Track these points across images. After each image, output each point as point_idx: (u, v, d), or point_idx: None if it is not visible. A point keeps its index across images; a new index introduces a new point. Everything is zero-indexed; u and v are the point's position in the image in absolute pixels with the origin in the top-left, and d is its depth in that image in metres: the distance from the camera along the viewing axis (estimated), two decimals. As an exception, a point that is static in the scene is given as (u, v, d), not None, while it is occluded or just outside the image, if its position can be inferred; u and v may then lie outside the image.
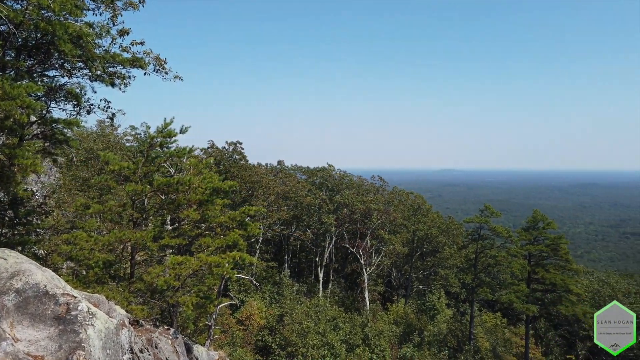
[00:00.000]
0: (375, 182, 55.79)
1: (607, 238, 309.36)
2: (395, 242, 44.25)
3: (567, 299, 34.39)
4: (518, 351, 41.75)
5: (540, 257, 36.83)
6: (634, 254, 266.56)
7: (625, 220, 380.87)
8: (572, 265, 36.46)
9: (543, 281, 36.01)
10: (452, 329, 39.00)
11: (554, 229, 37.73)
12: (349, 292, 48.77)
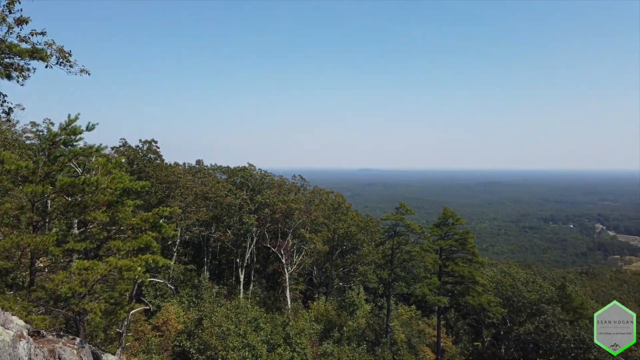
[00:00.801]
0: (296, 182, 56.11)
1: (508, 232, 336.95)
2: (316, 240, 44.81)
3: (474, 290, 36.94)
4: (431, 341, 44.15)
5: (450, 251, 39.21)
6: (532, 246, 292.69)
7: (525, 216, 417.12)
8: (478, 258, 39.21)
9: (453, 274, 38.38)
10: (370, 324, 40.28)
11: (462, 225, 40.30)
12: (271, 292, 48.62)
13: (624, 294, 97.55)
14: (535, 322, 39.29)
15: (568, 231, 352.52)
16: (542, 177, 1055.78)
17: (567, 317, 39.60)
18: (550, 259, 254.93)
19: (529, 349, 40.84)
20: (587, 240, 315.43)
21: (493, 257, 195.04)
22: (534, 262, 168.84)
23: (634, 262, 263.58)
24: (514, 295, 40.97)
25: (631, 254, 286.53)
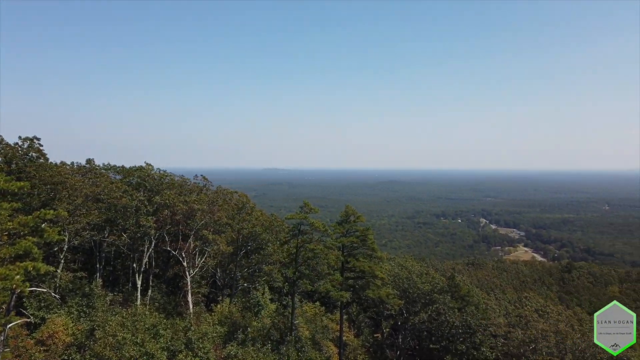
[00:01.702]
0: (198, 182, 54.36)
1: (405, 228, 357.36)
2: (220, 241, 43.80)
3: (374, 284, 38.63)
4: (334, 336, 45.33)
5: (352, 247, 40.56)
6: (426, 240, 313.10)
7: (419, 212, 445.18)
8: (377, 254, 41.03)
9: (354, 269, 39.76)
10: (275, 323, 40.32)
11: (363, 222, 41.86)
12: (171, 296, 46.60)
13: (504, 282, 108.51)
14: (429, 311, 42.19)
15: (457, 226, 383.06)
16: (434, 176, 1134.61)
17: (456, 305, 43.02)
18: (442, 251, 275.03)
19: (423, 337, 43.75)
20: (473, 233, 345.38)
21: (391, 251, 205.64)
22: (427, 255, 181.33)
23: (512, 252, 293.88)
24: (409, 287, 43.54)
25: (510, 245, 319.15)
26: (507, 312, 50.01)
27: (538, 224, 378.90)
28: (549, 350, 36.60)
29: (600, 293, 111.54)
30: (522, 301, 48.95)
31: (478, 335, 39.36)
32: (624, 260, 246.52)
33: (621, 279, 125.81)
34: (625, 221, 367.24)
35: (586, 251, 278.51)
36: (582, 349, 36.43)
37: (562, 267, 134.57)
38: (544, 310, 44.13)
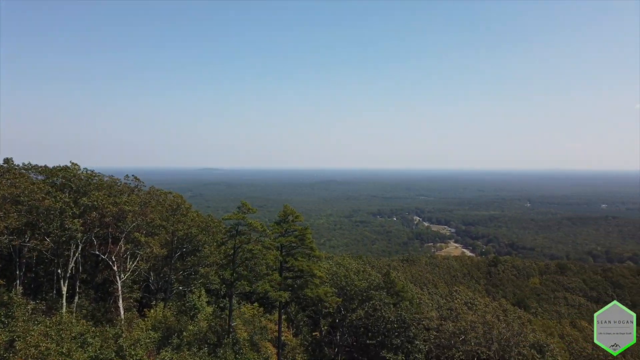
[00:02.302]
0: (129, 182, 52.07)
1: (343, 227, 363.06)
2: (153, 244, 42.22)
3: (312, 283, 38.91)
4: (273, 336, 45.17)
5: (291, 247, 40.60)
6: (363, 238, 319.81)
7: (356, 211, 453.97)
8: (316, 253, 41.36)
9: (293, 269, 39.83)
10: (212, 325, 39.53)
11: (301, 222, 42.02)
12: (101, 303, 44.28)
13: (436, 276, 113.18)
14: (365, 308, 43.15)
15: (392, 224, 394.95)
16: (370, 176, 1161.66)
17: (391, 300, 44.32)
18: (378, 249, 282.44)
19: (360, 333, 44.67)
20: (408, 231, 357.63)
21: (330, 250, 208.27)
22: (364, 253, 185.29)
23: (443, 248, 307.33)
24: (347, 285, 44.29)
25: (442, 241, 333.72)
26: (439, 305, 52.22)
27: (467, 221, 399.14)
28: (477, 340, 38.65)
29: (522, 285, 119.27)
30: (453, 295, 51.32)
31: (412, 329, 40.81)
32: (543, 254, 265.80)
33: (541, 271, 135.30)
34: (545, 217, 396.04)
35: (510, 246, 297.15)
36: (506, 338, 38.79)
37: (488, 262, 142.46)
38: (472, 302, 46.58)
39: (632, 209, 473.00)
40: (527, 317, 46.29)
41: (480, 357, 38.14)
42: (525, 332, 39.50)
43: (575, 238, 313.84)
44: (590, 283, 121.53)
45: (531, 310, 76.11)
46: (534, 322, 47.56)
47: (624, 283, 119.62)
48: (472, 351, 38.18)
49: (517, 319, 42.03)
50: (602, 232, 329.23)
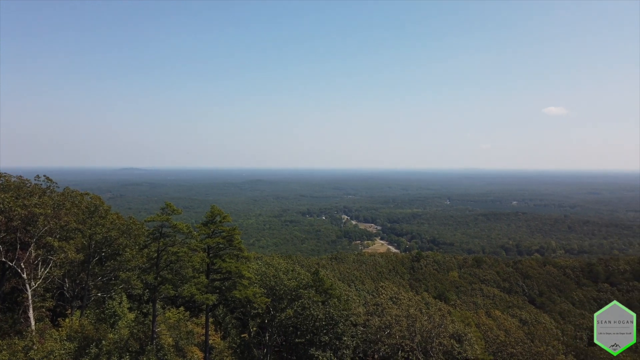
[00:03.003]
0: (40, 183, 48.26)
1: (272, 226, 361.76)
2: (68, 249, 39.43)
3: (241, 284, 38.42)
4: (200, 340, 44.00)
5: (218, 248, 39.79)
6: (292, 238, 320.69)
7: (286, 211, 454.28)
8: (244, 253, 40.86)
9: (220, 270, 39.07)
10: (134, 333, 37.71)
11: (229, 222, 41.31)
12: (8, 314, 40.64)
13: (363, 273, 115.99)
14: (295, 307, 43.31)
15: (321, 222, 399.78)
16: (299, 176, 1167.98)
17: (320, 298, 44.84)
18: (308, 248, 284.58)
19: (289, 332, 44.78)
20: (336, 229, 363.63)
21: (259, 250, 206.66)
22: (294, 252, 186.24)
23: (370, 245, 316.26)
24: (276, 285, 44.20)
25: (369, 238, 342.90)
26: (366, 301, 53.74)
27: (392, 219, 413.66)
28: (401, 333, 40.20)
29: (443, 278, 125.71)
30: (379, 290, 53.02)
31: (340, 325, 41.58)
32: (462, 248, 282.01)
33: (460, 265, 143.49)
34: (463, 214, 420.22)
35: (432, 241, 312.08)
36: (428, 330, 40.72)
37: (412, 257, 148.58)
38: (397, 297, 48.39)
39: (539, 205, 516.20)
40: (447, 309, 48.85)
41: (404, 349, 39.72)
42: (445, 324, 41.66)
43: (489, 233, 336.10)
44: (503, 275, 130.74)
45: (451, 302, 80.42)
46: (453, 314, 50.27)
47: (532, 274, 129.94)
48: (396, 344, 39.66)
49: (438, 311, 44.24)
50: (513, 227, 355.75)
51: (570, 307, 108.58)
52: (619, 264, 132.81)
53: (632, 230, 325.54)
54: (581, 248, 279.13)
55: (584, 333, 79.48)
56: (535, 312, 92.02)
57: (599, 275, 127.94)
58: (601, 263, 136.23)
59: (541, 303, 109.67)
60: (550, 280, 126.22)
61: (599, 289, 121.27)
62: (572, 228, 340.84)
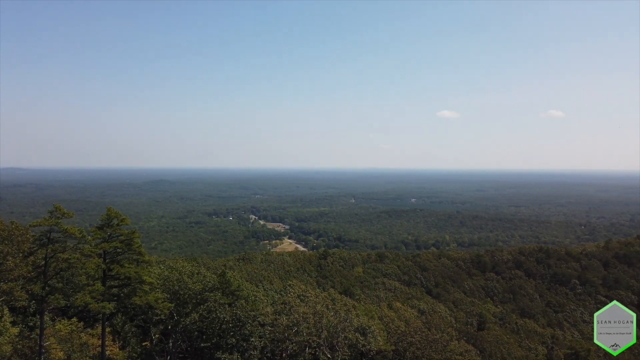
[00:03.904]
0: None
1: (177, 229, 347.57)
2: None
3: (142, 290, 36.48)
4: (96, 352, 41.03)
5: (115, 253, 37.43)
6: (198, 240, 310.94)
7: (191, 212, 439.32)
8: (145, 257, 38.87)
9: (118, 277, 36.78)
10: (18, 349, 34.26)
11: (128, 225, 39.02)
12: None
13: (271, 273, 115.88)
14: (200, 311, 42.11)
15: (229, 223, 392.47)
16: (205, 175, 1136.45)
17: (227, 300, 44.05)
18: (215, 249, 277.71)
19: (195, 337, 43.44)
20: (244, 229, 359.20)
21: (162, 254, 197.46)
22: (200, 255, 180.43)
23: (278, 245, 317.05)
24: (180, 289, 42.61)
25: (277, 238, 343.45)
26: (274, 300, 53.79)
27: (300, 218, 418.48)
28: (309, 330, 40.82)
29: (348, 274, 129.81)
30: (287, 289, 53.35)
31: (247, 326, 41.19)
32: (366, 245, 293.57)
33: (364, 260, 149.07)
34: (367, 212, 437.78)
35: (338, 239, 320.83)
36: (334, 325, 41.82)
37: (319, 255, 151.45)
38: (304, 295, 49.03)
39: (434, 202, 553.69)
40: (352, 304, 50.50)
41: (312, 345, 40.42)
42: (350, 318, 43.08)
43: (391, 229, 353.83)
44: (403, 268, 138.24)
45: (356, 297, 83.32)
46: (358, 308, 52.13)
47: (429, 266, 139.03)
48: (304, 341, 40.21)
49: (344, 306, 45.59)
50: (412, 223, 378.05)
51: (462, 296, 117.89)
52: (502, 255, 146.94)
53: (513, 223, 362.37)
54: (471, 241, 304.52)
55: (474, 319, 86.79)
56: (432, 302, 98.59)
57: (486, 265, 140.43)
58: (488, 254, 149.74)
59: (437, 293, 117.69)
60: (444, 272, 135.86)
61: (487, 278, 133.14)
62: (464, 223, 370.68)
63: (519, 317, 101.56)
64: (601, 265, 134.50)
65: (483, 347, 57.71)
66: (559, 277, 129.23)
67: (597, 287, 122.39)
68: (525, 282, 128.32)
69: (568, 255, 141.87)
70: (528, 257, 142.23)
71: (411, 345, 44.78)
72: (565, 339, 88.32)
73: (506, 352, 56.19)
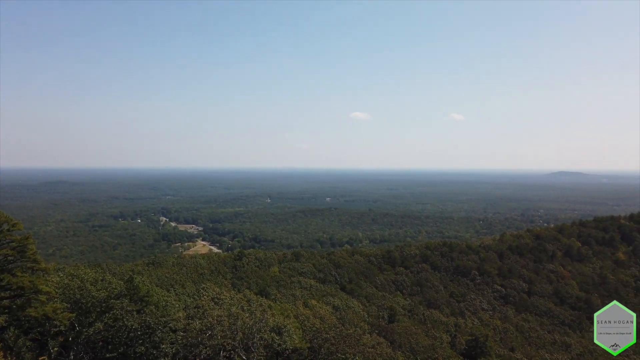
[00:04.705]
0: None
1: (77, 233, 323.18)
2: None
3: (37, 300, 33.56)
4: (-18, 372, 37.03)
5: (6, 261, 34.05)
6: (102, 244, 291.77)
7: (94, 215, 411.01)
8: (41, 265, 35.78)
9: (10, 287, 33.48)
10: None
11: (21, 230, 35.71)
12: None
13: (183, 276, 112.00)
14: (105, 319, 39.61)
15: (137, 226, 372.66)
16: (110, 176, 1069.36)
17: (135, 307, 41.87)
18: (121, 254, 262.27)
19: (99, 348, 40.76)
20: (154, 232, 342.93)
21: (61, 260, 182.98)
22: (104, 260, 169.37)
23: (191, 247, 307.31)
24: (82, 297, 39.77)
25: (190, 240, 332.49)
26: (187, 305, 52.12)
27: (214, 219, 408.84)
28: (223, 333, 40.08)
29: (264, 274, 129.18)
30: (200, 292, 51.97)
31: (158, 333, 39.44)
32: (282, 244, 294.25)
33: (280, 260, 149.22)
34: (283, 211, 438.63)
35: (254, 239, 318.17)
36: (250, 326, 41.47)
37: (234, 256, 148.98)
38: (219, 297, 48.11)
39: (348, 201, 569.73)
40: (268, 304, 50.48)
41: (226, 348, 39.77)
42: (266, 318, 42.99)
43: (307, 228, 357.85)
44: (319, 266, 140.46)
45: (272, 297, 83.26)
46: (274, 308, 52.18)
47: (343, 263, 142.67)
48: (218, 345, 39.43)
49: (259, 306, 45.44)
50: (327, 221, 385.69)
51: (374, 291, 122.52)
52: (411, 250, 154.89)
53: (421, 220, 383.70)
54: (382, 237, 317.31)
55: (385, 312, 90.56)
56: (345, 298, 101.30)
57: (396, 260, 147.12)
58: (397, 250, 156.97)
59: (351, 289, 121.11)
60: (358, 268, 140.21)
61: (396, 272, 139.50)
62: (375, 220, 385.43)
63: (426, 308, 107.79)
64: (497, 257, 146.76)
65: (393, 339, 60.40)
66: (461, 269, 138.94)
67: (493, 277, 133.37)
68: (431, 274, 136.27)
69: (468, 248, 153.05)
70: (433, 252, 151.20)
71: (326, 342, 45.70)
72: (466, 326, 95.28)
73: (414, 342, 59.35)
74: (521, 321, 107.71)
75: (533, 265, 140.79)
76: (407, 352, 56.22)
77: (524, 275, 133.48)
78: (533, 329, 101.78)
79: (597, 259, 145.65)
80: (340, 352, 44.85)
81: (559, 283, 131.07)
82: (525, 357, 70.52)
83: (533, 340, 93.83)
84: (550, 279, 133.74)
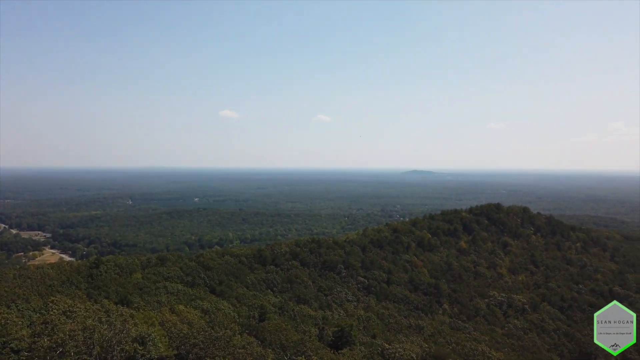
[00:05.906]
0: None
1: None
2: None
3: None
4: None
5: None
6: None
7: None
8: None
9: None
10: None
11: None
12: None
13: (27, 290, 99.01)
14: None
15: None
16: None
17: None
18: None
19: None
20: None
21: None
22: None
23: (37, 256, 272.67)
24: None
25: (35, 249, 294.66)
26: (32, 321, 46.22)
27: (65, 224, 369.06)
28: (77, 349, 36.35)
29: (125, 282, 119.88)
30: (49, 306, 46.40)
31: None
32: (145, 248, 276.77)
33: (143, 265, 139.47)
34: (146, 213, 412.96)
35: (113, 244, 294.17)
36: (109, 339, 38.24)
37: (90, 264, 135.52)
38: (71, 310, 43.46)
39: (218, 201, 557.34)
40: (130, 313, 47.12)
41: (82, 365, 36.22)
42: (127, 328, 40.04)
43: (173, 230, 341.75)
44: (187, 270, 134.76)
45: (134, 305, 77.71)
46: (136, 317, 48.81)
47: (213, 265, 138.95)
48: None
49: (120, 316, 42.23)
50: (196, 222, 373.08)
51: (245, 291, 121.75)
52: (281, 248, 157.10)
53: (291, 218, 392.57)
54: (253, 237, 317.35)
55: (256, 311, 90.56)
56: (215, 301, 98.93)
57: (267, 259, 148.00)
58: (268, 248, 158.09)
59: (221, 291, 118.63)
60: (228, 269, 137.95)
61: (267, 271, 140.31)
62: (246, 220, 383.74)
63: (296, 304, 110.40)
64: (360, 250, 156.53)
65: (264, 337, 60.64)
66: (329, 263, 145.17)
67: (357, 270, 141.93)
68: (300, 271, 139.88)
69: (335, 243, 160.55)
70: (303, 248, 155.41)
71: (194, 347, 44.19)
72: (333, 318, 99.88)
73: (284, 338, 60.26)
74: (382, 309, 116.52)
75: (392, 257, 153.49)
76: (277, 349, 56.89)
77: (384, 267, 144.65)
78: (392, 316, 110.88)
79: (444, 248, 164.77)
80: (210, 355, 43.77)
81: (413, 272, 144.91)
82: (385, 342, 76.27)
83: (392, 326, 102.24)
84: (406, 268, 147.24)
